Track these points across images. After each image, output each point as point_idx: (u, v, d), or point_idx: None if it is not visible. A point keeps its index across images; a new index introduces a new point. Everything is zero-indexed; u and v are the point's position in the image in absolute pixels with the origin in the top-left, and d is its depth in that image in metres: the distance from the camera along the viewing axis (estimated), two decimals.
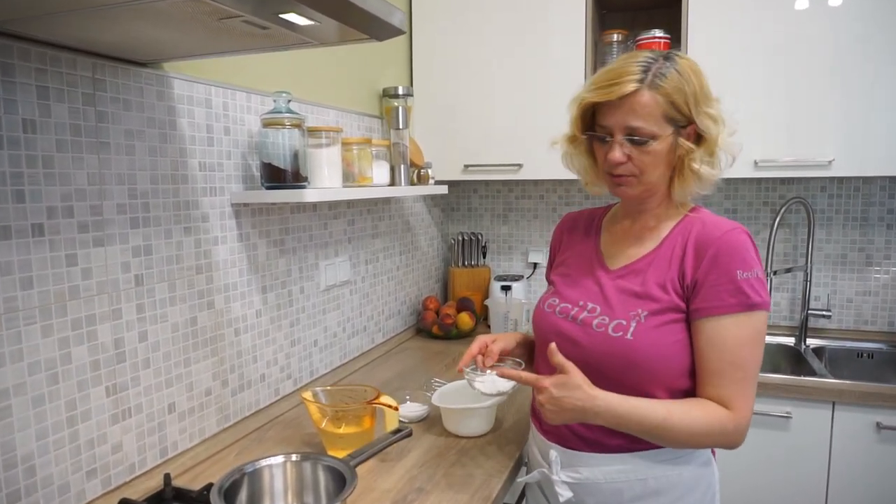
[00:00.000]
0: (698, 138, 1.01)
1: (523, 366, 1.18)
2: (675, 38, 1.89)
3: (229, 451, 1.27)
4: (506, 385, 1.17)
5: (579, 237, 1.19)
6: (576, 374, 0.97)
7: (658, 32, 1.88)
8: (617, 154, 1.00)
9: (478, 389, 1.18)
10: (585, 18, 1.91)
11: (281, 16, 0.78)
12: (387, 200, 1.98)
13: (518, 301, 2.09)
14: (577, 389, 0.96)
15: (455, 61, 2.07)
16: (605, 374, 1.00)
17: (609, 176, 1.05)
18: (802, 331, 2.04)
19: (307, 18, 0.80)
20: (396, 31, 0.92)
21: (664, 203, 1.07)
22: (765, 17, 1.76)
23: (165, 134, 1.13)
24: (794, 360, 2.01)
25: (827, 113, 1.74)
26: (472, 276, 2.39)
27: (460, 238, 2.41)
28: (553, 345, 1.01)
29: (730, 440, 0.97)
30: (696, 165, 1.00)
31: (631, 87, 0.97)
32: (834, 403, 1.63)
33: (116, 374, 1.05)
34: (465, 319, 2.12)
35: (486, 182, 2.47)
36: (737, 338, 0.95)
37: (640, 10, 2.12)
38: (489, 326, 2.18)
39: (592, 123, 1.05)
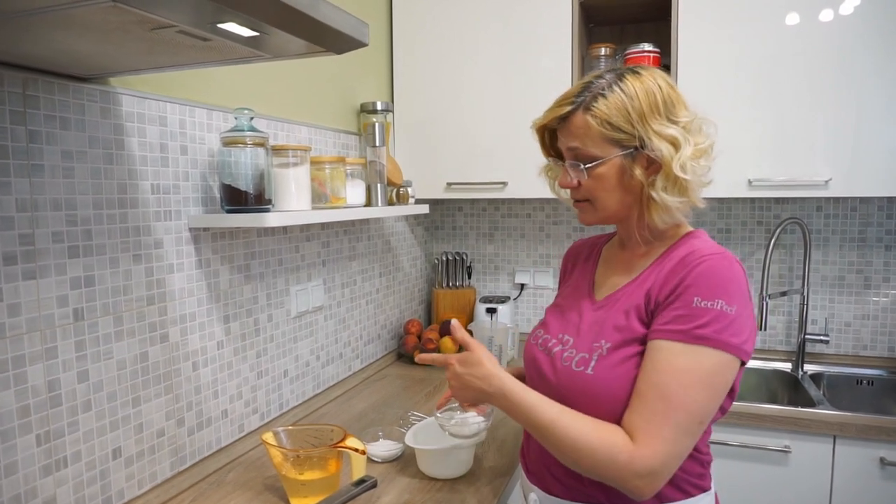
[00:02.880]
0: (655, 162, 0.91)
1: (492, 408, 1.13)
2: (665, 52, 1.82)
3: (184, 496, 1.17)
4: (478, 426, 1.11)
5: (580, 266, 1.13)
6: (478, 351, 0.95)
7: (647, 46, 1.81)
8: (564, 178, 0.98)
9: (448, 432, 1.10)
10: (572, 32, 1.84)
11: (219, 26, 0.69)
12: (365, 221, 1.89)
13: (503, 325, 2.00)
14: (477, 366, 0.94)
15: (437, 76, 1.99)
16: (570, 407, 0.92)
17: (573, 202, 1.02)
18: (799, 356, 1.96)
19: (250, 29, 0.71)
20: (357, 44, 0.83)
21: (646, 230, 0.98)
22: (756, 31, 1.70)
23: (111, 154, 1.04)
24: (791, 388, 1.93)
25: (823, 131, 1.67)
26: (456, 298, 2.30)
27: (444, 258, 2.32)
28: (455, 321, 1.01)
29: (620, 474, 0.83)
30: (653, 193, 0.91)
31: (565, 109, 0.94)
32: (835, 437, 1.54)
33: (50, 419, 0.95)
34: (448, 344, 2.02)
35: (472, 200, 2.39)
36: (669, 364, 0.84)
37: (629, 23, 2.06)
38: None
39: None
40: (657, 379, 0.84)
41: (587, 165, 0.94)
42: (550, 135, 1.03)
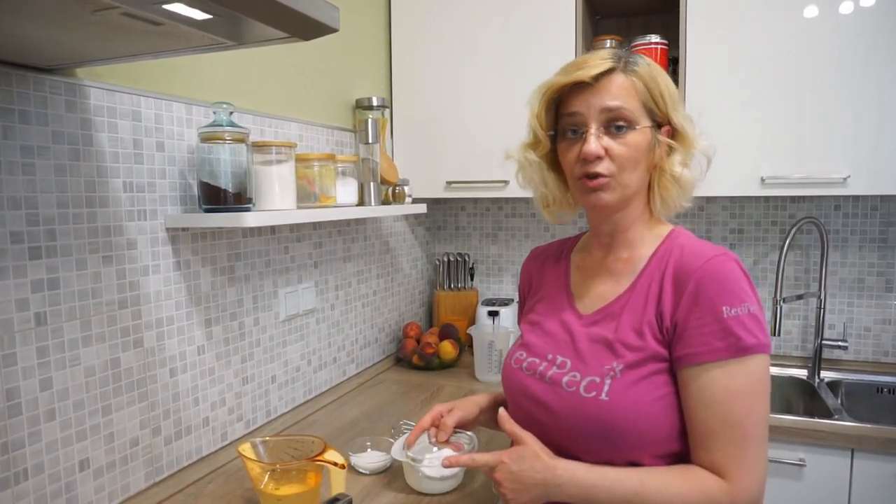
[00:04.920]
0: (674, 140, 0.89)
1: (475, 445, 1.05)
2: (673, 44, 1.74)
3: None
4: (452, 469, 1.02)
5: (549, 276, 1.03)
6: (532, 443, 0.82)
7: (654, 38, 1.73)
8: (593, 145, 0.85)
9: (423, 474, 1.03)
10: (575, 25, 1.77)
11: (166, 7, 0.63)
12: (361, 221, 1.83)
13: (505, 330, 1.93)
14: (535, 460, 0.81)
15: (437, 71, 1.92)
16: (581, 442, 0.84)
17: (582, 181, 0.88)
18: (816, 363, 1.86)
19: (200, 11, 0.65)
20: (326, 29, 0.78)
21: (638, 223, 0.91)
22: (773, 24, 1.61)
23: (78, 150, 0.99)
24: (806, 396, 1.83)
25: (841, 126, 1.58)
26: (458, 300, 2.23)
27: (445, 259, 2.25)
28: (503, 411, 0.87)
29: None
30: (676, 168, 0.86)
31: (607, 64, 0.85)
32: (853, 451, 1.45)
33: (8, 430, 0.90)
34: (448, 349, 1.95)
35: (475, 200, 2.32)
36: (728, 390, 0.79)
37: (636, 15, 1.98)
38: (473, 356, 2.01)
39: (556, 123, 0.92)
40: (722, 410, 0.79)
41: (624, 127, 0.85)
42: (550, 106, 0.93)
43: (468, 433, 1.09)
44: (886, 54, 1.52)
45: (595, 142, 0.85)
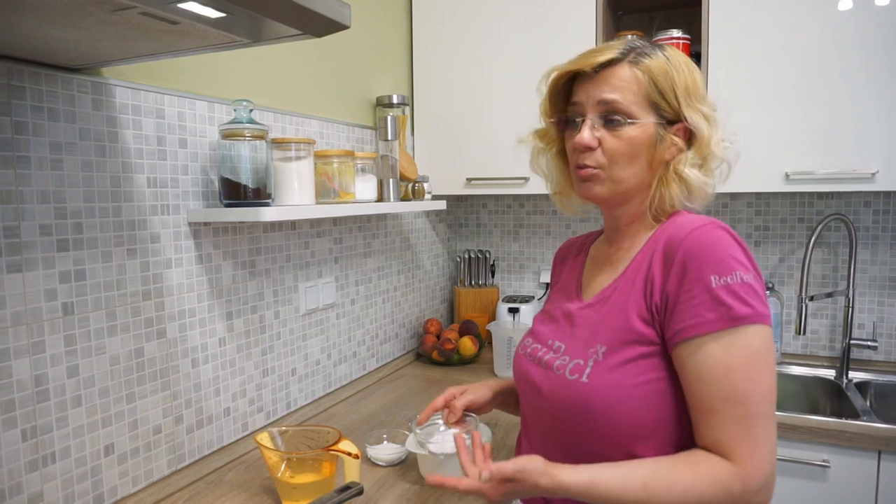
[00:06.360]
0: (688, 140, 0.87)
1: (477, 425, 1.06)
2: (696, 39, 1.71)
3: (179, 495, 1.15)
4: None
5: (568, 267, 1.04)
6: (515, 463, 0.79)
7: (676, 32, 1.71)
8: (585, 135, 0.85)
9: (429, 451, 1.05)
10: (596, 20, 1.76)
11: (180, 6, 0.66)
12: (381, 216, 1.85)
13: (525, 327, 1.93)
14: (527, 481, 0.78)
15: (457, 68, 1.93)
16: (566, 427, 0.84)
17: (576, 170, 0.89)
18: (844, 363, 1.82)
19: (214, 9, 0.67)
20: (337, 26, 0.79)
21: (642, 218, 0.90)
22: (798, 17, 1.57)
23: (104, 147, 1.02)
24: (834, 397, 1.79)
25: (870, 121, 1.54)
26: (478, 297, 2.23)
27: (466, 256, 2.26)
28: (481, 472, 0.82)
29: (742, 501, 0.75)
30: (682, 168, 0.84)
31: (610, 54, 0.84)
32: (880, 452, 1.42)
33: (37, 414, 0.94)
34: (468, 344, 1.96)
35: (496, 197, 2.32)
36: (727, 365, 0.75)
37: (658, 10, 1.96)
38: (493, 352, 2.02)
39: (565, 113, 0.92)
40: (722, 387, 0.75)
41: (618, 121, 0.84)
42: (560, 93, 0.93)
43: (475, 416, 1.10)
44: None
45: (588, 132, 0.85)
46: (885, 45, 1.51)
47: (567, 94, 0.92)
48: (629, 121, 0.84)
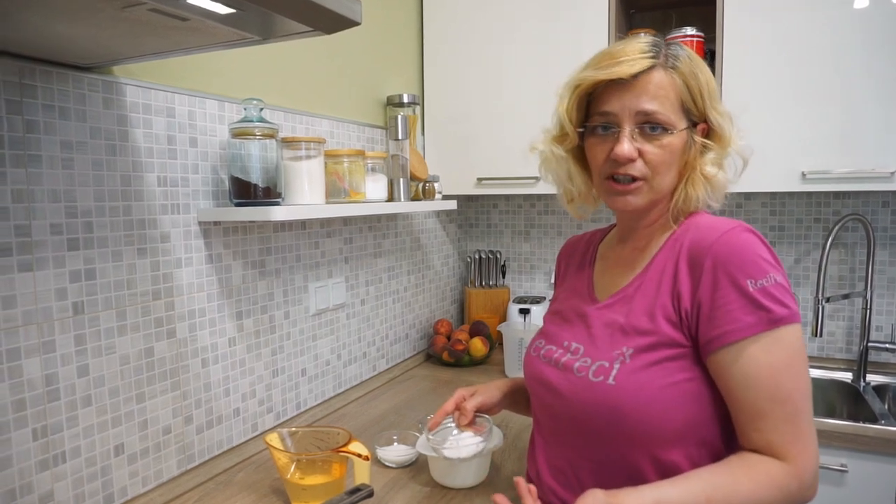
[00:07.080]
0: (709, 139, 0.86)
1: (491, 427, 1.06)
2: (710, 37, 1.69)
3: (189, 496, 1.14)
4: (475, 447, 1.03)
5: (575, 266, 1.02)
6: (586, 499, 0.74)
7: (690, 30, 1.69)
8: (626, 147, 0.82)
9: (443, 456, 1.04)
10: (609, 18, 1.74)
11: (189, 1, 0.65)
12: (392, 216, 1.84)
13: (536, 327, 1.91)
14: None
15: (468, 68, 1.92)
16: (589, 430, 0.82)
17: (609, 182, 0.86)
18: (861, 365, 1.79)
19: (224, 5, 0.67)
20: (348, 22, 0.78)
21: (661, 219, 0.89)
22: (816, 14, 1.55)
23: (114, 146, 1.02)
24: (851, 400, 1.76)
25: (888, 119, 1.51)
26: (489, 297, 2.22)
27: (477, 256, 2.25)
28: (523, 483, 0.81)
29: (800, 497, 0.76)
30: (708, 169, 0.83)
31: (646, 62, 0.81)
32: None
33: (47, 414, 0.94)
34: (478, 345, 1.95)
35: (507, 197, 2.31)
36: (771, 366, 0.75)
37: (672, 7, 1.94)
38: (503, 353, 2.00)
39: (586, 117, 0.89)
40: (768, 387, 0.75)
41: (659, 130, 0.82)
42: (584, 99, 0.89)
43: (488, 417, 1.09)
44: None
45: (628, 144, 0.82)
46: None
47: (588, 99, 0.89)
48: (671, 130, 0.82)
